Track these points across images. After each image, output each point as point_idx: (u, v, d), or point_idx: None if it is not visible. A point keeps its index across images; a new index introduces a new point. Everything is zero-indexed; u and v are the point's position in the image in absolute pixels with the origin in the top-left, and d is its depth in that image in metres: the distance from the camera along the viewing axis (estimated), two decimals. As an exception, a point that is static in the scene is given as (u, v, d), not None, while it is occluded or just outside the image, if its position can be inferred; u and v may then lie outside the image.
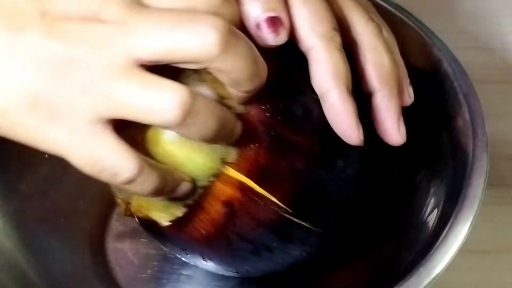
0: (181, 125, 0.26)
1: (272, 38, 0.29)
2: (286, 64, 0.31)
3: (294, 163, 0.31)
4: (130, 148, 0.28)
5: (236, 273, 0.37)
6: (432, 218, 0.36)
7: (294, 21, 0.30)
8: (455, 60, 0.39)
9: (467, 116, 0.36)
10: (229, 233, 0.32)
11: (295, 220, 0.32)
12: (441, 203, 0.36)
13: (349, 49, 0.32)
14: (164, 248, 0.37)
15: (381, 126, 0.32)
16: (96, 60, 0.26)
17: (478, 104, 0.37)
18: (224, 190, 0.31)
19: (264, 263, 0.34)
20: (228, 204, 0.31)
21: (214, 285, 0.41)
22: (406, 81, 0.34)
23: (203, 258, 0.35)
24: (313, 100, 0.31)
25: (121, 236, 0.44)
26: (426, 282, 0.30)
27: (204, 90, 0.30)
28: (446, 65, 0.39)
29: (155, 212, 0.33)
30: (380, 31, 0.33)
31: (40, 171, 0.42)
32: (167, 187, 0.30)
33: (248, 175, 0.30)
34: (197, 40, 0.26)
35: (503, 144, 0.48)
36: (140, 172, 0.28)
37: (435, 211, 0.36)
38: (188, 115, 0.26)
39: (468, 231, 0.31)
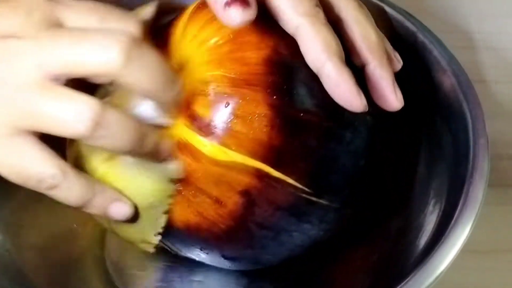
0: (93, 136, 0.27)
1: (240, 13, 0.30)
2: (280, 45, 0.31)
3: (307, 141, 0.31)
4: (53, 154, 0.29)
5: (256, 265, 0.37)
6: (433, 218, 0.36)
7: (276, 5, 0.31)
8: (429, 31, 0.39)
9: (453, 80, 0.37)
10: (249, 223, 0.32)
11: (313, 198, 0.32)
12: (443, 201, 0.36)
13: (334, 25, 0.32)
14: (179, 253, 0.37)
15: (379, 94, 0.33)
16: (11, 73, 0.27)
17: (462, 69, 0.37)
18: (241, 180, 0.31)
19: (284, 248, 0.35)
20: (245, 193, 0.31)
21: (227, 285, 0.41)
22: (391, 47, 0.35)
23: (223, 255, 0.35)
24: (313, 76, 0.31)
25: (122, 254, 0.43)
26: (429, 281, 0.30)
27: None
28: (421, 36, 0.39)
29: (140, 244, 0.34)
30: (361, 5, 0.34)
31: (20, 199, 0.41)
32: (95, 200, 0.30)
33: (263, 161, 0.31)
34: (100, 53, 0.27)
35: (503, 144, 0.48)
36: (63, 177, 0.29)
37: (437, 209, 0.36)
38: (98, 126, 0.27)
39: (469, 231, 0.32)
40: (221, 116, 0.31)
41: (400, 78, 0.35)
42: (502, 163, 0.47)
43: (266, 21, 0.32)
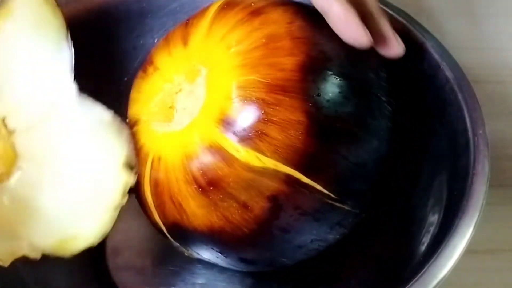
0: None
1: None
2: (313, 51, 0.32)
3: (338, 148, 0.32)
4: None
5: (270, 267, 0.37)
6: (435, 218, 0.36)
7: None
8: (425, 30, 0.39)
9: (451, 80, 0.37)
10: (272, 227, 0.32)
11: (337, 204, 0.33)
12: (444, 200, 0.36)
13: None
14: (193, 254, 0.37)
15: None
16: None
17: (459, 68, 0.37)
18: (270, 185, 0.31)
19: (301, 252, 0.35)
20: (273, 198, 0.31)
21: (231, 287, 0.41)
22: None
23: (241, 258, 0.35)
24: (345, 85, 0.32)
25: (125, 259, 0.43)
26: (432, 285, 0.30)
27: None
28: (418, 35, 0.39)
29: None
30: None
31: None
32: None
33: (295, 167, 0.31)
34: None
35: (503, 144, 0.48)
36: None
37: (438, 208, 0.36)
38: None
39: (471, 234, 0.32)
40: (257, 121, 0.31)
41: (396, 79, 0.35)
42: (502, 163, 0.47)
43: (297, 27, 0.32)
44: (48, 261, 0.40)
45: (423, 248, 0.35)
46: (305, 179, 0.31)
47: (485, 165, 0.33)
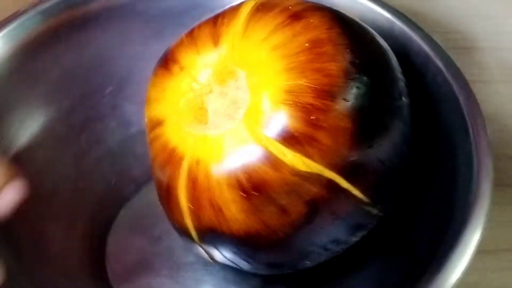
0: None
1: None
2: (355, 58, 0.32)
3: (379, 155, 0.32)
4: None
5: (293, 270, 0.37)
6: (436, 223, 0.36)
7: None
8: (421, 29, 0.39)
9: (450, 80, 0.37)
10: (306, 231, 0.32)
11: (368, 208, 0.33)
12: (444, 203, 0.36)
13: None
14: (221, 259, 0.36)
15: None
16: None
17: (458, 69, 0.37)
18: (311, 190, 0.31)
19: (325, 255, 0.35)
20: (312, 203, 0.31)
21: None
22: None
23: (269, 263, 0.35)
24: (382, 92, 0.32)
25: (126, 268, 0.43)
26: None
27: None
28: (416, 39, 0.39)
29: None
30: None
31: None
32: None
33: (339, 172, 0.31)
34: None
35: (503, 144, 0.48)
36: None
37: (439, 213, 0.36)
38: None
39: (479, 239, 0.32)
40: (306, 127, 0.31)
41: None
42: (501, 163, 0.47)
43: (336, 33, 0.32)
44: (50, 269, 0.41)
45: (424, 250, 0.35)
46: (345, 184, 0.31)
47: (488, 168, 0.33)
